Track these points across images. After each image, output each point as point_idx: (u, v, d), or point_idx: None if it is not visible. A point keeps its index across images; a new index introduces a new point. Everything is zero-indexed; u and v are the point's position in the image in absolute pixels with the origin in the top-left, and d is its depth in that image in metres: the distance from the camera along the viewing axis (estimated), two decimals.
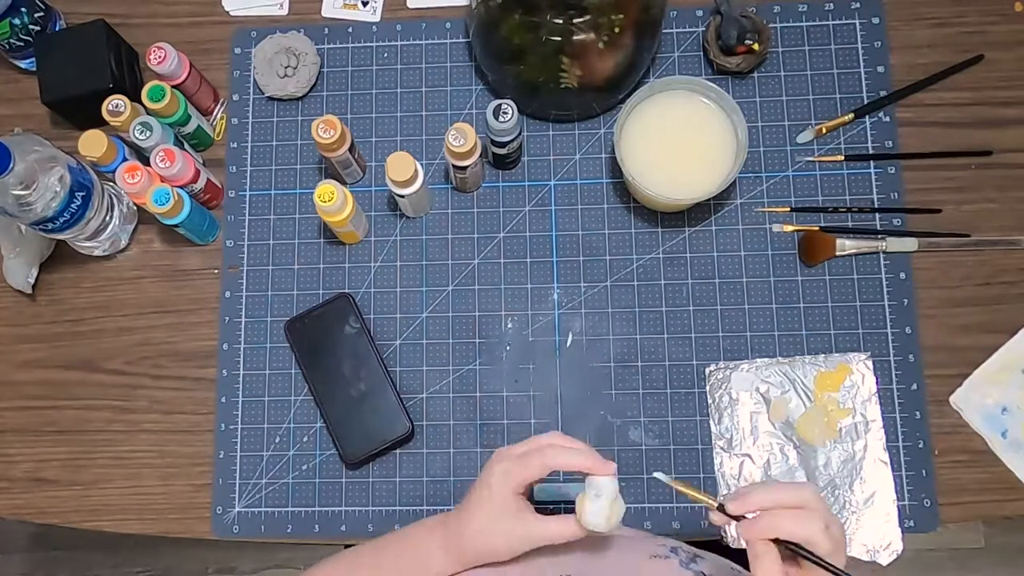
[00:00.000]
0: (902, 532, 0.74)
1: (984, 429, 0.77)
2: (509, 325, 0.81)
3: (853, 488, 0.75)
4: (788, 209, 0.81)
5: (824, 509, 0.48)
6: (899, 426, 0.77)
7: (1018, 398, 0.77)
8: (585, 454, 0.56)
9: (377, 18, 0.89)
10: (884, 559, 0.74)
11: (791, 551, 0.47)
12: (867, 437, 0.76)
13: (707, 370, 0.79)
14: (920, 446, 0.76)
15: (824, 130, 0.81)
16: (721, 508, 0.50)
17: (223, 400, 0.82)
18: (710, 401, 0.78)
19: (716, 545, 0.74)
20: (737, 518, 0.49)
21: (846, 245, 0.79)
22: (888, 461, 0.75)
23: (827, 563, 0.46)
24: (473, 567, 0.58)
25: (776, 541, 0.47)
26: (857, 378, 0.77)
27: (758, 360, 0.78)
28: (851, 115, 0.81)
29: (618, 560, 0.57)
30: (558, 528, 0.56)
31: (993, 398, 0.77)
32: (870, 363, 0.77)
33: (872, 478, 0.75)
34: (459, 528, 0.58)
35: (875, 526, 0.74)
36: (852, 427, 0.76)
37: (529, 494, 0.61)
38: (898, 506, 0.75)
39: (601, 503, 0.55)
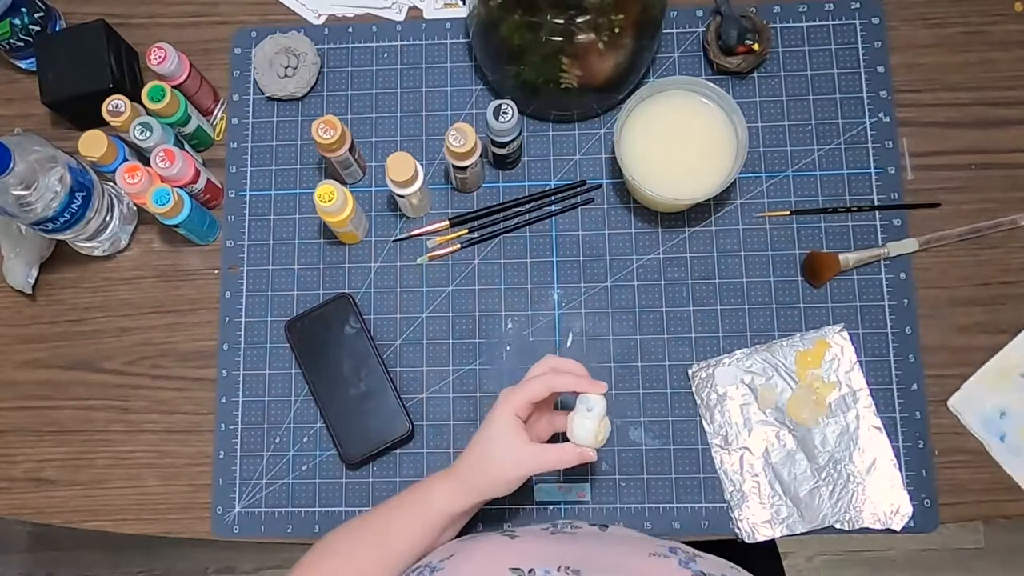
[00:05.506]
0: (909, 495, 0.74)
1: (982, 433, 0.77)
2: (509, 325, 0.81)
3: (853, 459, 0.75)
4: (788, 213, 0.81)
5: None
6: (899, 426, 0.77)
7: (1016, 402, 0.77)
8: (578, 378, 0.64)
9: (402, 17, 0.88)
10: (897, 524, 0.74)
11: None
12: (857, 407, 0.76)
13: (690, 371, 0.79)
14: (920, 446, 0.76)
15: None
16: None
17: (223, 400, 0.81)
18: (698, 401, 0.78)
19: (717, 545, 0.74)
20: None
21: (849, 260, 0.79)
22: (882, 427, 0.76)
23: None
24: (475, 501, 0.65)
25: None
26: (836, 351, 0.77)
27: (737, 352, 0.79)
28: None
29: (617, 555, 0.58)
30: (556, 454, 0.63)
31: (991, 402, 0.77)
32: (846, 334, 0.78)
33: (869, 446, 0.75)
34: (462, 459, 0.66)
35: (881, 493, 0.74)
36: (841, 400, 0.76)
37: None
38: (900, 469, 0.75)
39: (591, 419, 0.63)
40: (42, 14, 0.85)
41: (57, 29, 0.87)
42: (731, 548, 0.75)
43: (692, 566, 0.55)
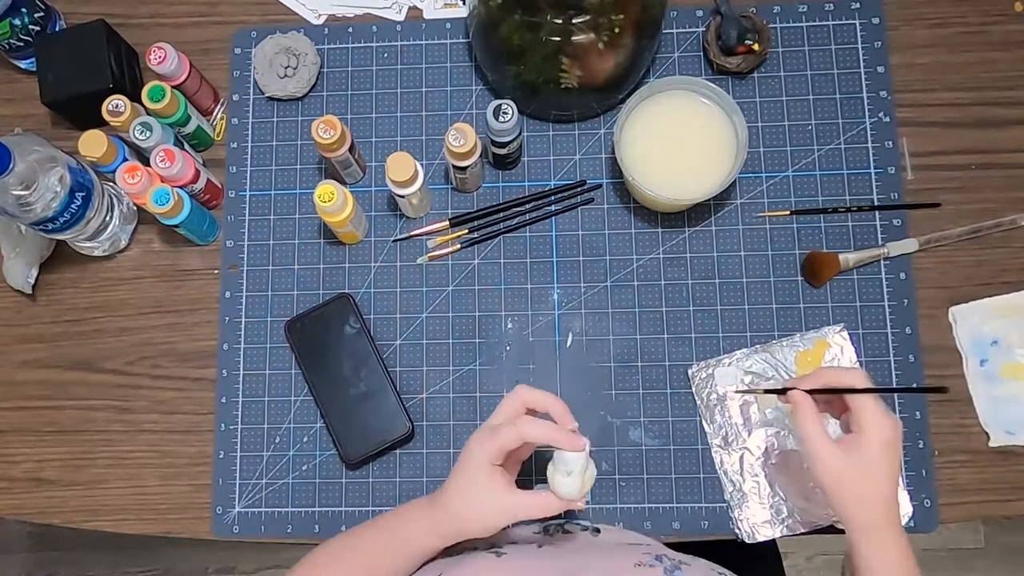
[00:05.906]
0: (909, 495, 0.74)
1: (967, 349, 0.77)
2: (509, 325, 0.81)
3: None
4: (788, 212, 0.81)
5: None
6: None
7: (1015, 339, 0.77)
8: (555, 429, 0.58)
9: (402, 17, 0.88)
10: None
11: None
12: None
13: (690, 371, 0.79)
14: (920, 446, 0.76)
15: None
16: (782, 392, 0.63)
17: (223, 400, 0.81)
18: (698, 401, 0.78)
19: (718, 545, 0.74)
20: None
21: (849, 260, 0.79)
22: None
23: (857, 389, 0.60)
24: (455, 542, 0.61)
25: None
26: (836, 351, 0.77)
27: (736, 353, 0.78)
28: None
29: (603, 568, 0.58)
30: (535, 502, 0.58)
31: (991, 327, 0.77)
32: (846, 334, 0.78)
33: None
34: (440, 501, 0.61)
35: None
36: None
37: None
38: (900, 469, 0.74)
39: (573, 478, 0.57)
40: (42, 14, 0.85)
41: (57, 29, 0.87)
42: (731, 548, 0.75)
43: (677, 574, 0.55)
